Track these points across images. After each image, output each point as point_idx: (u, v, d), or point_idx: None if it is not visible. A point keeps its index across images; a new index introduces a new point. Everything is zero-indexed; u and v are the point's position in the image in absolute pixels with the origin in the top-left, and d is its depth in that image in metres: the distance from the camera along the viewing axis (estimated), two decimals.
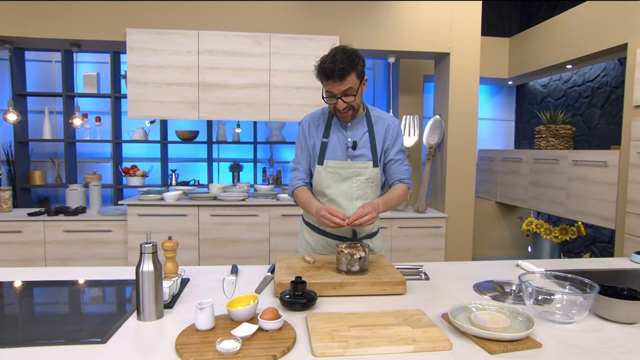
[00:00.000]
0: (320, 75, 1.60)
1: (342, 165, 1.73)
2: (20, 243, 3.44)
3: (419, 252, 3.78)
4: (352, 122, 1.76)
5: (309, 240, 1.84)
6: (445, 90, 3.81)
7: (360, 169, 1.74)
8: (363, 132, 1.76)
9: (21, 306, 1.32)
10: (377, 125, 1.78)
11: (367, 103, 1.84)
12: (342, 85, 1.58)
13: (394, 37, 3.68)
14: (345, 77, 1.56)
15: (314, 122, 1.81)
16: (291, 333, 1.07)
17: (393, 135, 1.79)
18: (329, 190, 1.75)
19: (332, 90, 1.60)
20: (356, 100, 1.65)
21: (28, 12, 3.41)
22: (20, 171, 4.46)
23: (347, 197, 1.74)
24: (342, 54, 1.58)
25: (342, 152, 1.75)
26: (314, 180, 1.78)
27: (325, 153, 1.75)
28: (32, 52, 4.74)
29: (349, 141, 1.74)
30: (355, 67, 1.60)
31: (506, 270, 1.74)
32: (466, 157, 3.81)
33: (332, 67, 1.55)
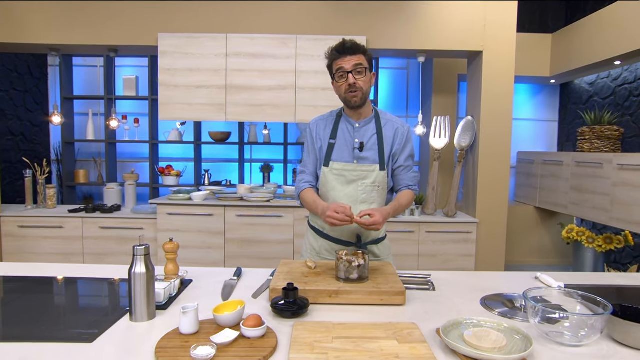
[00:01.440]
0: (333, 54, 1.65)
1: (348, 168, 1.71)
2: (61, 238, 3.66)
3: (448, 258, 3.65)
4: (360, 122, 1.73)
5: (313, 245, 1.82)
6: (478, 90, 3.65)
7: (366, 172, 1.71)
8: (371, 134, 1.73)
9: (20, 302, 1.38)
10: (386, 129, 1.75)
11: (400, 103, 1.81)
12: (354, 59, 1.61)
13: (424, 36, 3.57)
14: (356, 52, 1.61)
15: (321, 123, 1.79)
16: (272, 342, 1.05)
17: (402, 140, 1.75)
18: (333, 192, 1.72)
19: (343, 65, 1.62)
20: (365, 82, 1.64)
21: (71, 21, 3.61)
22: (67, 170, 4.74)
23: (352, 200, 1.70)
24: (351, 41, 1.65)
25: (349, 154, 1.72)
26: (320, 182, 1.77)
27: (332, 154, 1.73)
28: (80, 58, 5.03)
29: (356, 142, 1.71)
30: (365, 51, 1.65)
31: (522, 282, 1.63)
32: (499, 160, 3.63)
33: (344, 43, 1.63)
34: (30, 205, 3.89)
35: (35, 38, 3.65)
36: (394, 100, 5.04)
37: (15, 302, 1.38)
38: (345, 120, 1.76)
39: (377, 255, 1.78)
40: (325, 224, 1.72)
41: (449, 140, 3.80)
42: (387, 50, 3.71)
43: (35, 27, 3.63)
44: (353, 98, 1.66)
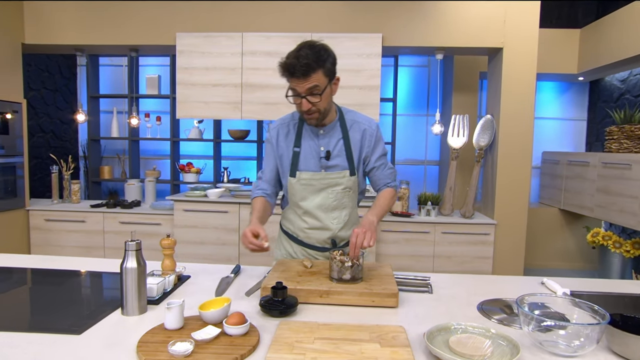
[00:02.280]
0: (283, 71, 1.46)
1: (316, 177, 1.61)
2: (84, 232, 3.79)
3: (464, 260, 3.57)
4: (325, 128, 1.61)
5: (288, 250, 1.77)
6: (498, 88, 3.54)
7: (336, 179, 1.62)
8: (337, 139, 1.62)
9: (23, 293, 1.44)
10: (353, 131, 1.63)
11: (420, 102, 1.71)
12: (307, 82, 1.43)
13: (442, 32, 3.49)
14: (309, 73, 1.42)
15: (283, 129, 1.66)
16: (253, 340, 1.05)
17: (371, 141, 1.64)
18: (304, 202, 1.65)
19: (296, 88, 1.46)
20: (323, 101, 1.48)
21: (94, 22, 3.73)
22: (93, 166, 4.91)
23: (323, 209, 1.64)
24: (308, 49, 1.43)
25: (315, 163, 1.61)
26: (288, 192, 1.68)
27: (298, 164, 1.62)
28: (106, 58, 5.19)
29: (321, 150, 1.61)
30: (322, 63, 1.44)
31: (526, 288, 1.57)
32: (520, 160, 3.52)
33: (295, 63, 1.41)
34: (56, 199, 4.05)
35: (61, 39, 3.79)
36: (414, 99, 4.96)
37: (18, 293, 1.44)
38: (308, 126, 1.62)
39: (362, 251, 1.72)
40: (297, 230, 1.71)
41: (467, 139, 3.71)
42: (404, 48, 3.65)
43: (61, 28, 3.77)
44: (310, 120, 1.55)
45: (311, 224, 1.67)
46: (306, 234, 1.69)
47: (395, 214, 3.70)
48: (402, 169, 5.11)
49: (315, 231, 1.67)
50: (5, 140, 3.62)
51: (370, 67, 3.52)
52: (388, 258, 3.63)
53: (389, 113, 4.89)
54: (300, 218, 1.69)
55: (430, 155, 5.11)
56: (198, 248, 3.67)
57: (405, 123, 5.04)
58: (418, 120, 4.95)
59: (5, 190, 3.64)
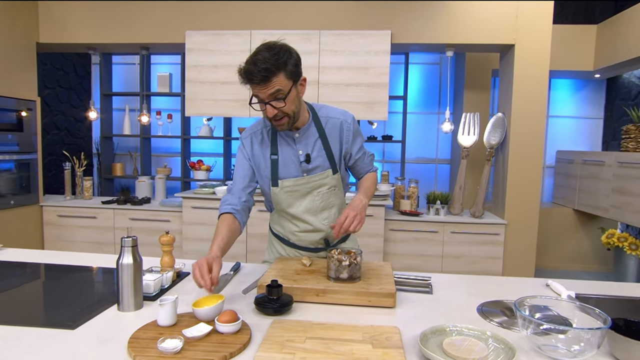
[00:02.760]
0: (242, 78, 1.36)
1: (300, 182, 1.56)
2: (95, 227, 3.85)
3: (473, 260, 3.51)
4: (299, 131, 1.53)
5: (280, 252, 1.73)
6: (509, 85, 3.47)
7: (319, 181, 1.57)
8: (314, 139, 1.54)
9: (20, 288, 1.46)
10: (329, 127, 1.56)
11: (431, 100, 1.72)
12: (268, 88, 1.34)
13: (452, 29, 3.44)
14: (269, 78, 1.32)
15: (256, 137, 1.57)
16: (244, 338, 1.05)
17: (349, 134, 1.58)
18: (291, 209, 1.60)
19: (258, 94, 1.37)
20: (289, 105, 1.38)
21: (106, 21, 3.78)
22: (105, 163, 4.98)
23: (311, 213, 1.60)
24: (266, 51, 1.34)
25: (296, 168, 1.55)
26: (273, 200, 1.61)
27: (278, 172, 1.55)
28: (119, 56, 5.26)
29: (300, 154, 1.54)
30: (284, 66, 1.34)
31: (530, 290, 1.53)
32: (531, 159, 3.44)
33: (252, 69, 1.32)
34: (69, 196, 4.12)
35: (74, 38, 3.85)
36: (426, 96, 4.90)
37: (20, 288, 1.46)
38: (282, 131, 1.53)
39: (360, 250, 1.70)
40: (288, 233, 1.68)
41: (477, 137, 3.65)
42: (414, 45, 3.61)
43: (74, 28, 3.83)
44: (280, 126, 1.45)
45: (302, 228, 1.64)
46: (298, 237, 1.66)
47: (404, 213, 3.66)
48: (412, 167, 5.06)
49: (308, 234, 1.65)
50: (20, 138, 3.69)
51: (378, 64, 3.49)
52: (396, 257, 3.60)
53: (399, 111, 4.85)
54: (290, 222, 1.65)
55: (442, 153, 5.05)
56: (206, 245, 3.68)
57: (417, 121, 4.99)
58: (429, 118, 4.89)
59: (20, 187, 3.72)
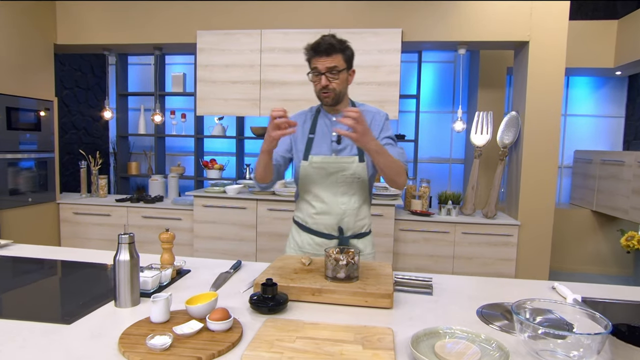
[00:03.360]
0: (309, 51, 1.63)
1: (328, 160, 1.71)
2: (109, 225, 3.92)
3: (485, 261, 3.45)
4: (338, 115, 1.69)
5: (296, 239, 1.83)
6: (523, 83, 3.39)
7: (345, 163, 1.70)
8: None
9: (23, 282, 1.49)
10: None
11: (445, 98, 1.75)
12: (328, 60, 1.60)
13: (464, 26, 3.38)
14: (331, 53, 1.59)
15: (300, 117, 1.81)
16: (234, 337, 1.04)
17: (379, 125, 1.73)
18: (313, 185, 1.74)
19: (317, 65, 1.62)
20: (339, 83, 1.64)
21: (120, 22, 3.85)
22: (121, 162, 5.08)
23: (332, 193, 1.72)
24: (332, 36, 1.63)
25: (327, 147, 1.73)
26: (300, 176, 1.77)
27: (311, 148, 1.74)
28: (135, 57, 5.35)
29: (333, 135, 1.72)
30: (344, 50, 1.63)
31: (536, 292, 1.49)
32: (546, 158, 3.36)
33: (320, 41, 1.60)
34: (84, 194, 4.21)
35: (90, 39, 3.93)
36: (439, 95, 4.84)
37: (23, 282, 1.49)
38: (323, 114, 1.77)
39: (361, 250, 1.72)
40: (306, 216, 1.75)
41: (490, 136, 3.58)
42: (425, 43, 3.56)
43: (90, 29, 3.91)
44: (325, 98, 1.68)
45: (319, 209, 1.73)
46: (314, 220, 1.75)
47: (414, 213, 3.62)
48: (425, 167, 5.00)
49: (323, 216, 1.73)
50: (38, 137, 3.79)
51: (389, 62, 3.46)
52: (406, 258, 3.56)
53: (412, 110, 4.80)
54: (309, 203, 1.76)
55: (456, 153, 4.97)
56: (217, 243, 3.72)
57: (430, 120, 4.93)
58: (444, 117, 4.83)
59: (38, 185, 3.81)
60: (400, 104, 4.95)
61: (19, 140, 3.60)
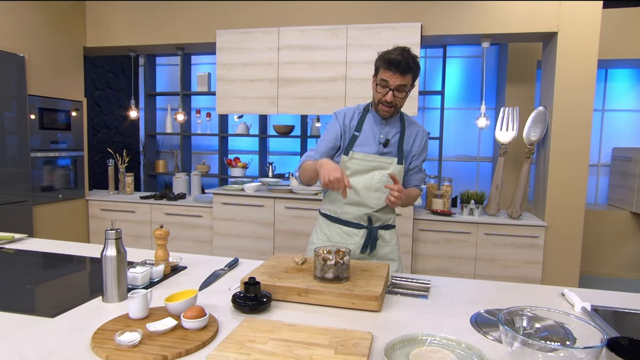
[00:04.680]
0: (384, 62, 1.62)
1: (368, 158, 1.75)
2: (133, 221, 4.04)
3: (508, 264, 3.29)
4: (388, 121, 1.77)
5: (325, 231, 1.85)
6: (552, 77, 3.21)
7: (385, 163, 1.75)
8: (396, 132, 1.78)
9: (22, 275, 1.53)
10: (409, 130, 1.81)
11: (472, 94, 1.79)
12: (401, 79, 1.60)
13: (487, 18, 3.23)
14: (407, 72, 1.60)
15: (349, 114, 1.81)
16: (206, 336, 1.03)
17: (421, 143, 1.81)
18: (351, 179, 1.74)
19: (389, 80, 1.61)
20: (401, 101, 1.68)
21: (143, 23, 3.95)
22: (149, 160, 5.23)
23: (366, 187, 1.75)
24: (410, 53, 1.62)
25: (373, 147, 1.76)
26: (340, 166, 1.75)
27: (354, 145, 1.76)
28: (164, 57, 5.49)
29: (381, 137, 1.76)
30: (417, 69, 1.65)
31: (543, 299, 1.39)
32: (576, 156, 3.16)
33: (400, 59, 1.58)
34: (112, 191, 4.36)
35: (116, 40, 4.05)
36: (467, 91, 4.68)
37: (22, 275, 1.55)
38: (372, 115, 1.78)
39: (386, 240, 1.83)
40: (337, 207, 1.80)
41: (516, 133, 3.41)
42: (447, 37, 3.44)
43: (116, 31, 4.04)
44: (385, 112, 1.71)
45: (351, 199, 1.75)
46: (343, 210, 1.78)
47: (435, 212, 3.51)
48: (451, 165, 4.85)
49: (353, 207, 1.77)
50: (69, 136, 3.95)
51: None
52: (426, 258, 3.46)
53: (437, 107, 4.66)
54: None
55: (484, 151, 4.79)
56: (235, 241, 3.75)
57: (457, 117, 4.78)
58: (471, 114, 4.66)
59: (68, 182, 3.98)
60: (424, 101, 4.83)
61: (50, 139, 3.77)
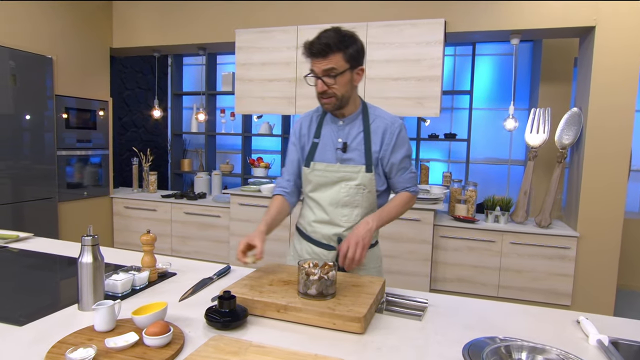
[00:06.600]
0: (304, 50, 1.45)
1: (330, 169, 1.54)
2: (154, 220, 4.10)
3: (536, 276, 3.08)
4: (345, 119, 1.54)
5: (296, 246, 1.69)
6: (588, 75, 2.96)
7: (350, 173, 1.53)
8: (357, 132, 1.53)
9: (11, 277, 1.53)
10: (375, 126, 1.54)
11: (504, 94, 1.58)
12: (324, 62, 1.40)
13: (516, 12, 3.02)
14: (327, 54, 1.39)
15: (306, 120, 1.62)
16: (166, 355, 0.96)
17: (391, 139, 1.53)
18: (314, 194, 1.59)
19: (313, 68, 1.44)
20: (339, 86, 1.43)
21: (166, 24, 3.99)
22: (175, 159, 5.30)
23: (332, 203, 1.55)
24: (333, 31, 1.42)
25: (332, 154, 1.55)
26: (303, 181, 1.63)
27: (314, 155, 1.57)
28: (191, 57, 5.56)
29: (338, 142, 1.54)
30: (344, 48, 1.40)
31: (557, 327, 1.24)
32: (613, 161, 2.90)
33: (314, 41, 1.41)
34: (136, 189, 4.44)
35: (141, 41, 4.12)
36: (498, 91, 4.44)
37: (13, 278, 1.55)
38: (329, 118, 1.57)
39: (361, 265, 1.57)
40: (306, 223, 1.63)
41: (547, 136, 3.18)
42: (472, 33, 3.25)
43: (141, 31, 4.10)
44: (325, 105, 1.49)
45: (318, 217, 1.58)
46: (312, 228, 1.61)
47: (458, 219, 3.33)
48: (480, 168, 4.62)
49: (322, 225, 1.58)
50: (94, 135, 4.06)
51: (430, 56, 3.20)
52: (447, 267, 3.29)
53: (465, 107, 4.45)
54: (311, 210, 1.62)
55: (515, 154, 4.53)
56: None
57: (488, 118, 4.54)
58: (502, 114, 4.41)
59: (93, 179, 4.09)
60: (452, 101, 4.62)
61: (77, 138, 3.88)
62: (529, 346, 1.02)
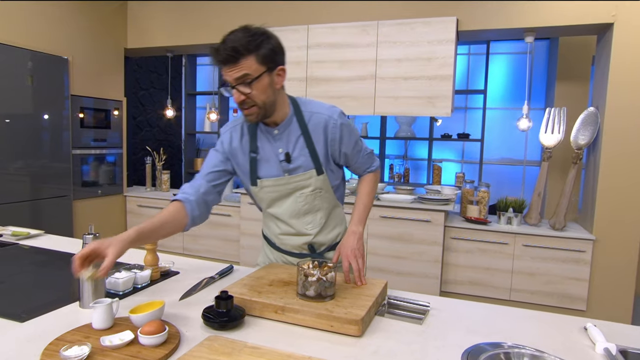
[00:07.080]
0: (211, 57, 1.28)
1: (280, 182, 1.42)
2: None
3: (550, 279, 3.00)
4: (279, 127, 1.38)
5: (269, 255, 1.63)
6: (605, 74, 2.87)
7: (302, 181, 1.42)
8: (296, 137, 1.39)
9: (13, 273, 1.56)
10: (313, 124, 1.39)
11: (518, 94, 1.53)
12: (234, 70, 1.22)
13: (530, 9, 2.95)
14: (237, 60, 1.21)
15: (236, 131, 1.44)
16: (160, 354, 0.96)
17: (335, 132, 1.39)
18: (272, 209, 1.49)
19: (225, 77, 1.25)
20: (258, 93, 1.26)
21: (178, 25, 4.03)
22: (188, 158, 5.36)
23: (294, 215, 1.47)
24: (240, 32, 1.23)
25: (277, 167, 1.41)
26: (256, 199, 1.52)
27: (258, 171, 1.43)
28: (205, 57, 5.61)
29: (279, 153, 1.40)
30: (255, 49, 1.22)
31: (562, 333, 1.20)
32: (631, 162, 2.81)
33: (219, 47, 1.22)
34: (149, 187, 4.50)
35: (154, 41, 4.17)
36: (513, 90, 4.36)
37: (14, 274, 1.57)
38: (263, 129, 1.41)
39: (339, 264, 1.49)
40: (272, 235, 1.57)
41: (562, 136, 3.10)
42: (485, 32, 3.19)
43: (154, 31, 4.15)
44: (249, 116, 1.31)
45: (284, 230, 1.52)
46: (280, 240, 1.55)
47: (469, 220, 3.28)
48: (494, 169, 4.54)
49: (290, 237, 1.52)
50: (109, 134, 4.12)
51: (442, 54, 3.15)
52: (458, 269, 3.24)
53: (479, 107, 4.38)
54: (274, 223, 1.54)
55: (531, 154, 4.44)
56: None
57: (503, 118, 4.46)
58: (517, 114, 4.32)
59: (107, 178, 4.16)
60: (466, 100, 4.55)
61: (91, 137, 3.95)
62: (528, 353, 0.99)
